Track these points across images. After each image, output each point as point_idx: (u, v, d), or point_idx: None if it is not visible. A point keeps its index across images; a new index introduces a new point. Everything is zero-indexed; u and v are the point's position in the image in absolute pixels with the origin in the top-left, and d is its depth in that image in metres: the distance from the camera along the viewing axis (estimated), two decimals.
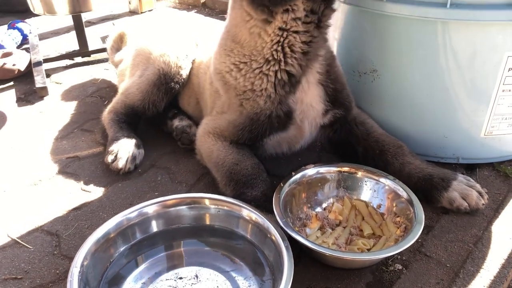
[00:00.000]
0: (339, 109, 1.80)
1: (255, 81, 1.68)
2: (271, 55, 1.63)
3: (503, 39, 1.60)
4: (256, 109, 1.70)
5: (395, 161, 1.73)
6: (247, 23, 1.62)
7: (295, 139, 1.83)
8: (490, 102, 1.72)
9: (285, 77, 1.66)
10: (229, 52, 1.71)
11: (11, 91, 2.74)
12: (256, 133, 1.73)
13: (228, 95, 1.77)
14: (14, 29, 3.37)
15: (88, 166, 2.00)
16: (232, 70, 1.71)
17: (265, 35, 1.61)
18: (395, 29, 1.75)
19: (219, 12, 3.99)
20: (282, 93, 1.68)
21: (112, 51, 2.74)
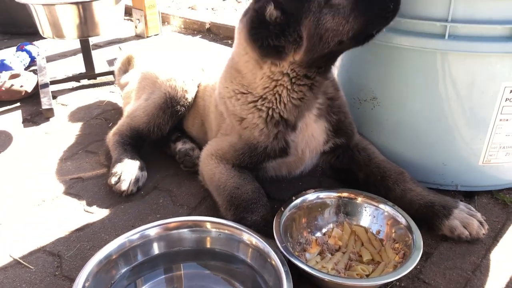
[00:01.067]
0: (341, 138, 1.84)
1: (249, 114, 1.73)
2: (264, 94, 1.68)
3: (500, 69, 1.64)
4: (252, 139, 1.74)
5: (397, 188, 1.74)
6: (243, 57, 1.68)
7: (295, 165, 1.87)
8: (488, 131, 1.75)
9: (277, 117, 1.70)
10: (232, 79, 1.76)
11: (18, 112, 2.79)
12: (255, 159, 1.77)
13: (230, 119, 1.81)
14: (22, 51, 3.44)
15: (91, 188, 2.02)
16: (232, 97, 1.76)
17: (257, 76, 1.67)
18: (395, 58, 1.80)
19: (223, 37, 4.07)
20: (275, 131, 1.71)
21: (119, 73, 2.80)
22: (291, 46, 1.54)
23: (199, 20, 4.33)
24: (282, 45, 1.53)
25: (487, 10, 1.56)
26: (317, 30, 1.50)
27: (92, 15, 2.74)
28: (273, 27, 1.51)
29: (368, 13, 1.50)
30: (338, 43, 1.53)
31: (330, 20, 1.48)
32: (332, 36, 1.51)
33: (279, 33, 1.52)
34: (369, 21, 1.51)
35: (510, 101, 1.68)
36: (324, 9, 1.48)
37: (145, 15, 4.06)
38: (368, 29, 1.54)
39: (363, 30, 1.52)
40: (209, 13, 4.74)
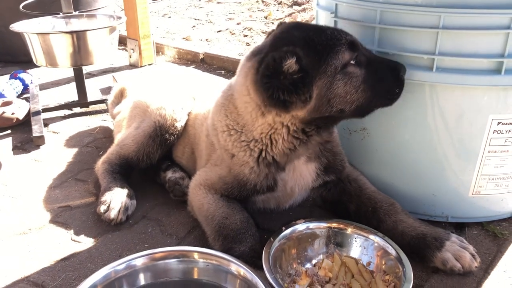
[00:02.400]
0: (331, 175, 1.85)
1: (240, 151, 1.72)
2: (259, 137, 1.68)
3: (487, 102, 1.66)
4: (242, 176, 1.74)
5: (388, 219, 1.73)
6: (244, 97, 1.65)
7: (284, 199, 1.87)
8: (477, 162, 1.76)
9: (270, 158, 1.70)
10: (228, 113, 1.74)
11: (8, 139, 2.78)
12: (245, 193, 1.77)
13: (221, 151, 1.81)
14: (16, 79, 3.46)
15: (79, 216, 2.00)
16: (225, 131, 1.75)
17: (256, 120, 1.65)
18: None
19: (217, 68, 4.11)
20: (266, 171, 1.72)
21: (112, 106, 2.81)
22: (300, 103, 1.52)
23: (193, 51, 4.38)
24: (292, 101, 1.51)
25: (473, 44, 1.59)
26: (327, 93, 1.52)
27: (86, 44, 2.77)
28: (288, 81, 1.48)
29: (375, 90, 1.57)
30: (340, 111, 1.56)
31: (341, 86, 1.52)
32: (338, 102, 1.54)
33: (292, 89, 1.49)
34: (375, 97, 1.58)
35: (498, 133, 1.70)
36: (339, 74, 1.51)
37: (139, 45, 4.11)
38: (371, 105, 1.61)
39: (367, 105, 1.59)
40: (203, 44, 4.81)
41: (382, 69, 1.59)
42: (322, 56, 1.50)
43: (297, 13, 5.71)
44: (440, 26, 1.59)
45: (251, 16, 5.97)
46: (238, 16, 6.01)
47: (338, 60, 1.51)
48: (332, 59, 1.50)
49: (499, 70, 1.60)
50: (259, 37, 4.94)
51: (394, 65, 1.61)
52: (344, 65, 1.52)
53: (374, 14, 1.73)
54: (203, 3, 6.80)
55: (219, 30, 5.35)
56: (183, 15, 6.24)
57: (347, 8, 1.86)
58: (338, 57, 1.51)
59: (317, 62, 1.50)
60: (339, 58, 1.51)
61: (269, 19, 5.71)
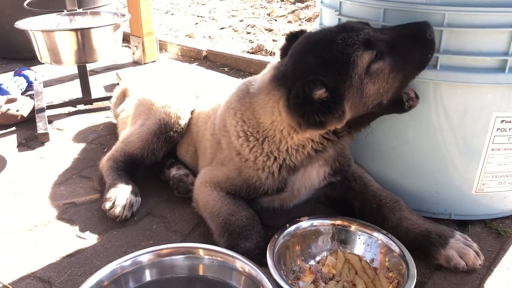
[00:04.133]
0: (338, 176, 1.87)
1: (260, 157, 1.72)
2: (285, 149, 1.69)
3: (491, 100, 1.67)
4: (255, 180, 1.75)
5: (392, 216, 1.74)
6: (273, 116, 1.65)
7: (289, 199, 1.88)
8: (480, 160, 1.76)
9: (292, 164, 1.71)
10: (245, 119, 1.72)
11: (13, 136, 2.79)
12: (252, 195, 1.79)
13: (230, 152, 1.81)
14: (20, 76, 3.47)
15: (84, 213, 2.01)
16: (241, 137, 1.73)
17: (287, 137, 1.65)
18: None
19: (220, 65, 4.12)
20: (285, 176, 1.74)
21: (115, 106, 2.81)
22: (336, 119, 1.54)
23: (196, 48, 4.39)
24: (327, 121, 1.53)
25: (477, 42, 1.60)
26: (360, 99, 1.53)
27: (90, 41, 2.78)
28: (319, 105, 1.50)
29: (406, 69, 1.54)
30: (378, 105, 1.56)
31: (371, 87, 1.52)
32: (373, 100, 1.55)
33: (325, 111, 1.50)
34: (408, 75, 1.56)
35: (502, 131, 1.70)
36: (365, 79, 1.51)
37: (143, 42, 4.11)
38: (407, 81, 1.58)
39: (401, 85, 1.57)
40: (206, 41, 4.81)
41: (407, 43, 1.53)
42: (343, 72, 1.50)
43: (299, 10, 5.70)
44: (444, 24, 1.59)
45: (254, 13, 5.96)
46: (241, 13, 6.01)
47: (359, 68, 1.50)
48: (353, 70, 1.50)
49: (503, 68, 1.60)
50: (262, 34, 4.93)
51: (417, 29, 1.52)
52: (367, 68, 1.50)
53: (378, 12, 1.73)
54: (206, 0, 6.79)
55: (222, 27, 5.35)
56: (186, 12, 6.23)
57: (351, 6, 1.86)
58: (358, 64, 1.50)
59: (341, 79, 1.50)
60: (359, 66, 1.50)
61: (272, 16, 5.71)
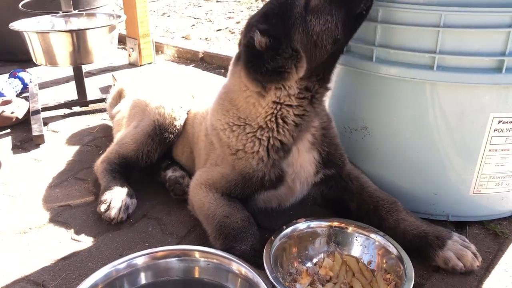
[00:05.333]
0: (331, 169, 1.85)
1: (247, 143, 1.72)
2: (264, 123, 1.69)
3: (488, 100, 1.66)
4: (248, 169, 1.74)
5: (390, 217, 1.73)
6: (244, 92, 1.69)
7: (285, 197, 1.86)
8: (477, 161, 1.76)
9: (278, 144, 1.71)
10: (225, 112, 1.76)
11: (8, 138, 2.77)
12: (248, 190, 1.76)
13: (222, 149, 1.81)
14: (15, 78, 3.45)
15: (79, 215, 1.99)
16: (226, 129, 1.76)
17: (259, 106, 1.68)
18: (385, 88, 1.81)
19: (216, 66, 4.11)
20: (275, 157, 1.72)
21: (111, 107, 2.80)
22: (290, 62, 1.55)
23: (192, 50, 4.38)
24: (281, 64, 1.55)
25: (474, 43, 1.59)
26: (310, 38, 1.54)
27: (85, 43, 2.76)
28: (267, 53, 1.54)
29: (343, 6, 1.55)
30: (334, 42, 1.56)
31: (317, 23, 1.54)
32: (326, 37, 1.55)
33: (274, 54, 1.54)
34: (352, 3, 1.56)
35: (499, 132, 1.70)
36: (307, 16, 1.53)
37: (139, 44, 4.10)
38: (353, 9, 1.57)
39: (349, 13, 1.56)
40: (202, 43, 4.80)
41: None
42: (283, 15, 1.54)
43: None
44: (441, 24, 1.59)
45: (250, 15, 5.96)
46: (238, 15, 6.00)
47: (297, 7, 1.54)
48: (291, 10, 1.54)
49: (500, 68, 1.59)
50: None
51: None
52: (305, 5, 1.53)
53: (375, 12, 1.72)
54: (202, 2, 6.79)
55: (218, 29, 5.34)
56: (183, 14, 6.23)
57: None
58: (296, 4, 1.54)
59: (281, 22, 1.54)
60: (296, 5, 1.54)
61: None
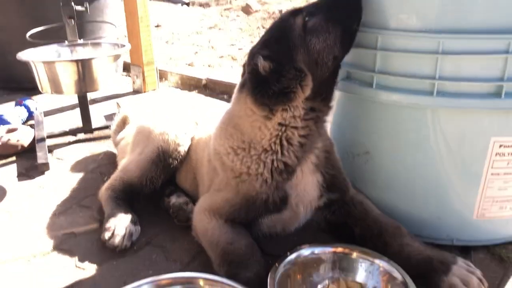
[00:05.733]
0: (335, 193, 1.86)
1: (252, 165, 1.74)
2: (269, 146, 1.71)
3: (489, 124, 1.68)
4: (252, 192, 1.75)
5: (394, 242, 1.73)
6: (250, 117, 1.72)
7: (289, 222, 1.86)
8: (480, 184, 1.76)
9: (282, 166, 1.72)
10: (229, 136, 1.79)
11: (13, 166, 2.79)
12: (251, 214, 1.77)
13: (225, 174, 1.82)
14: (21, 106, 3.50)
15: (84, 243, 2.00)
16: (230, 153, 1.78)
17: (265, 129, 1.70)
18: (385, 114, 1.84)
19: (219, 92, 4.15)
20: (278, 179, 1.73)
21: (115, 134, 2.83)
22: (295, 82, 1.60)
23: (196, 77, 4.44)
24: (286, 85, 1.60)
25: (472, 68, 1.62)
26: (312, 57, 1.60)
27: (91, 71, 2.81)
28: (272, 77, 1.59)
29: (342, 17, 1.64)
30: (333, 59, 1.63)
31: (316, 41, 1.59)
32: (326, 54, 1.60)
33: (278, 77, 1.59)
34: (346, 20, 1.64)
35: (500, 156, 1.71)
36: (307, 36, 1.59)
37: (143, 71, 4.16)
38: (347, 27, 1.65)
39: (345, 31, 1.64)
40: (205, 70, 4.87)
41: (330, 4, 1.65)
42: (283, 38, 1.61)
43: None
44: (440, 51, 1.62)
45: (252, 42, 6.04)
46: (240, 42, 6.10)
47: (296, 30, 1.60)
48: (290, 33, 1.60)
49: (499, 93, 1.61)
50: None
51: None
52: (303, 27, 1.60)
53: (374, 40, 1.76)
54: (205, 30, 6.90)
55: (221, 56, 5.42)
56: (186, 41, 6.33)
57: None
58: (294, 28, 1.61)
59: (282, 46, 1.60)
60: (295, 28, 1.60)
61: None
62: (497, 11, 1.55)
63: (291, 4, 7.31)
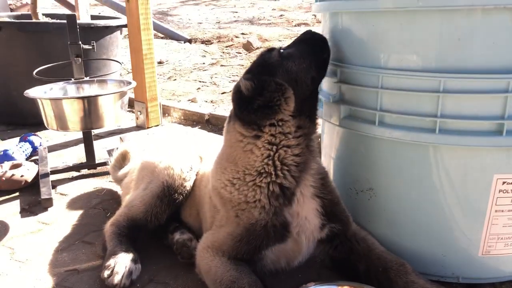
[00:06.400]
0: (336, 224, 1.86)
1: (249, 193, 1.76)
2: (262, 168, 1.74)
3: (491, 162, 1.69)
4: (251, 220, 1.76)
5: (399, 280, 1.72)
6: (240, 143, 1.76)
7: (293, 254, 1.85)
8: (484, 221, 1.76)
9: (277, 190, 1.74)
10: (224, 170, 1.82)
11: (16, 202, 2.79)
12: (253, 244, 1.76)
13: (225, 208, 1.83)
14: (25, 142, 3.52)
15: (86, 280, 1.98)
16: (227, 185, 1.80)
17: (256, 149, 1.74)
18: (388, 150, 1.86)
19: (221, 128, 4.16)
20: (276, 204, 1.75)
21: (114, 169, 2.85)
22: (277, 94, 1.68)
23: (198, 112, 4.49)
24: (268, 98, 1.68)
25: (473, 107, 1.65)
26: (290, 76, 1.71)
27: (96, 109, 2.85)
28: (254, 93, 1.68)
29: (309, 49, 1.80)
30: (311, 80, 1.75)
31: (292, 65, 1.73)
32: (303, 74, 1.73)
33: (261, 91, 1.68)
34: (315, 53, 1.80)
35: (504, 192, 1.72)
36: (283, 61, 1.73)
37: (146, 107, 4.22)
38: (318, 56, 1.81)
39: (317, 59, 1.80)
40: (208, 105, 4.93)
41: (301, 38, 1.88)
42: (262, 63, 1.76)
43: None
44: (441, 90, 1.65)
45: None
46: None
47: (273, 58, 1.75)
48: (269, 60, 1.75)
49: (500, 131, 1.64)
50: None
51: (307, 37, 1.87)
52: (279, 55, 1.75)
53: (376, 79, 1.80)
54: (207, 66, 7.02)
55: (223, 92, 5.50)
56: (188, 78, 6.43)
57: (349, 73, 1.94)
58: (271, 56, 1.77)
59: (263, 69, 1.73)
60: (272, 56, 1.76)
61: None
62: (497, 51, 1.59)
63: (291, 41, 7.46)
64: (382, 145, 1.87)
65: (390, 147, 1.85)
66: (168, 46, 8.36)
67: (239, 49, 7.84)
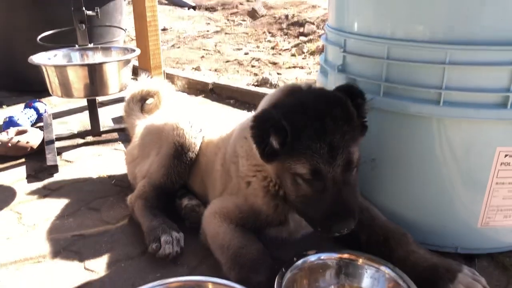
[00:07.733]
0: None
1: (253, 176, 1.80)
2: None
3: (494, 135, 1.70)
4: (256, 206, 1.80)
5: (400, 249, 1.74)
6: None
7: (295, 230, 1.89)
8: (485, 193, 1.78)
9: (273, 191, 1.76)
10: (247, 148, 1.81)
11: (22, 168, 2.83)
12: (258, 224, 1.81)
13: (238, 180, 1.85)
14: (30, 108, 3.54)
15: (92, 245, 2.02)
16: (244, 156, 1.81)
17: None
18: (392, 122, 1.86)
19: (225, 97, 4.18)
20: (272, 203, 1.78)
21: (129, 109, 2.82)
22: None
23: (202, 81, 4.47)
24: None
25: (479, 79, 1.64)
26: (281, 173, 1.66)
27: (101, 76, 2.85)
28: None
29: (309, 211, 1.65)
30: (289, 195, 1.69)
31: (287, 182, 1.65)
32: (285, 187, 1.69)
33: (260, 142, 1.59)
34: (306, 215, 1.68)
35: (505, 165, 1.73)
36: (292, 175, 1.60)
37: (151, 76, 4.19)
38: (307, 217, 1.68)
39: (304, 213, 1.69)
40: (212, 74, 4.91)
41: (322, 205, 1.58)
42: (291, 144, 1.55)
43: (303, 44, 5.83)
44: (447, 61, 1.64)
45: (259, 46, 6.09)
46: (246, 46, 6.14)
47: (293, 170, 1.58)
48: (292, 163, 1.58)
49: (505, 104, 1.63)
50: (266, 67, 5.03)
51: (336, 217, 1.57)
52: (296, 174, 1.59)
53: (382, 49, 1.78)
54: (211, 34, 6.95)
55: (227, 61, 5.46)
56: (192, 45, 6.37)
57: (355, 43, 1.92)
58: (297, 167, 1.57)
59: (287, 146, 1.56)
60: (295, 169, 1.57)
61: (276, 50, 5.83)
62: (504, 23, 1.57)
63: (297, 9, 7.36)
64: (386, 117, 1.86)
65: (393, 119, 1.85)
66: (172, 12, 8.26)
67: (244, 17, 7.74)
